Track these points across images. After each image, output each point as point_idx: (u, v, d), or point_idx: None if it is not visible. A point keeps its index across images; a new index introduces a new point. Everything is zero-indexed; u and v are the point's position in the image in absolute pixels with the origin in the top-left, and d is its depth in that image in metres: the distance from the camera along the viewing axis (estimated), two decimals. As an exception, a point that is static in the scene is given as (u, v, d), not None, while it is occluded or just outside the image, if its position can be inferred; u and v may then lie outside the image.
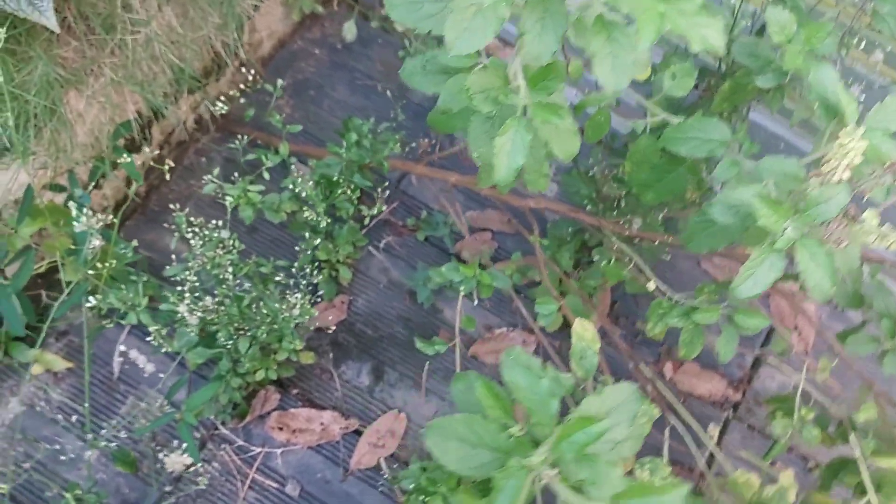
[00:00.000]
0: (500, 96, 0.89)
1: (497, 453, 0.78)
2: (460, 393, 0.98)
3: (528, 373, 0.86)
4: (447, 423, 0.79)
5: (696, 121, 1.11)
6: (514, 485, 0.74)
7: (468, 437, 0.78)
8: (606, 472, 0.76)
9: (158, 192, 2.25)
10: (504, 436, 0.79)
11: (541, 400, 0.83)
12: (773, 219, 0.92)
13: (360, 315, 2.18)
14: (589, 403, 0.86)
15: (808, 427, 1.54)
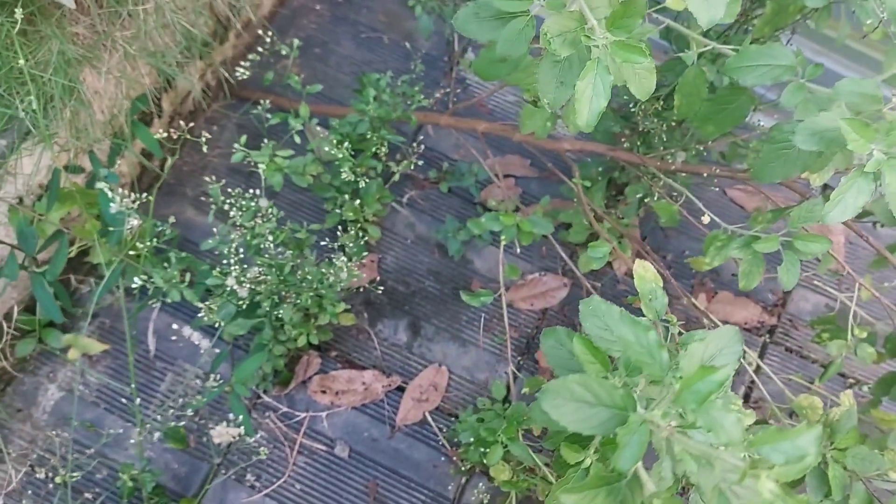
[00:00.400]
0: (580, 38, 0.86)
1: (615, 410, 0.77)
2: (551, 349, 0.96)
3: (635, 325, 0.84)
4: (562, 384, 0.77)
5: (762, 47, 1.08)
6: (637, 440, 0.73)
7: (585, 396, 0.77)
8: (723, 418, 0.75)
9: (172, 165, 2.20)
10: (620, 392, 0.78)
11: (650, 352, 0.82)
12: (862, 142, 0.90)
13: (390, 272, 2.16)
14: (694, 350, 0.85)
15: (862, 346, 1.55)
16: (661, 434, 0.76)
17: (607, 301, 1.07)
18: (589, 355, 0.87)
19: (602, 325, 1.06)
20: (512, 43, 1.03)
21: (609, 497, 0.79)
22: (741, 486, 0.71)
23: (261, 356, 1.70)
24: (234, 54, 2.29)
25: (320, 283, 1.64)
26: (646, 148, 1.64)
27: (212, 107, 2.25)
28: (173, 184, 2.18)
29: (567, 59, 0.95)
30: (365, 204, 1.99)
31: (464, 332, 2.11)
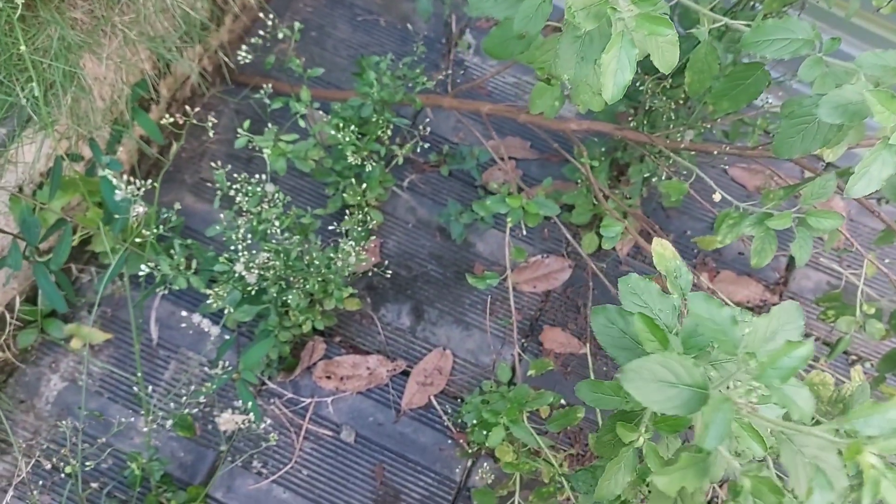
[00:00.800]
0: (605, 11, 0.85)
1: (697, 389, 0.77)
2: (602, 327, 0.96)
3: (709, 301, 0.84)
4: (642, 365, 0.77)
5: (778, 22, 1.08)
6: (722, 418, 0.73)
7: (667, 377, 0.77)
8: (796, 394, 0.75)
9: (168, 151, 2.17)
10: (700, 370, 0.77)
11: (724, 329, 0.82)
12: (887, 114, 0.90)
13: (392, 257, 2.15)
14: (759, 324, 0.85)
15: (870, 322, 1.56)
16: (742, 411, 0.76)
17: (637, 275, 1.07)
18: (649, 333, 0.86)
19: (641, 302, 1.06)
20: (529, 19, 1.02)
21: (697, 476, 0.80)
22: (836, 462, 0.71)
23: (267, 342, 1.69)
24: (231, 38, 2.27)
25: (327, 267, 1.63)
26: (650, 127, 1.63)
27: (209, 92, 2.22)
28: (171, 171, 2.16)
29: (588, 34, 0.94)
30: (368, 188, 1.97)
31: (467, 316, 2.11)
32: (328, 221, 2.09)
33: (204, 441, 1.92)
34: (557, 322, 2.13)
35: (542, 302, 2.15)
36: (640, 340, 0.84)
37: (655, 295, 0.98)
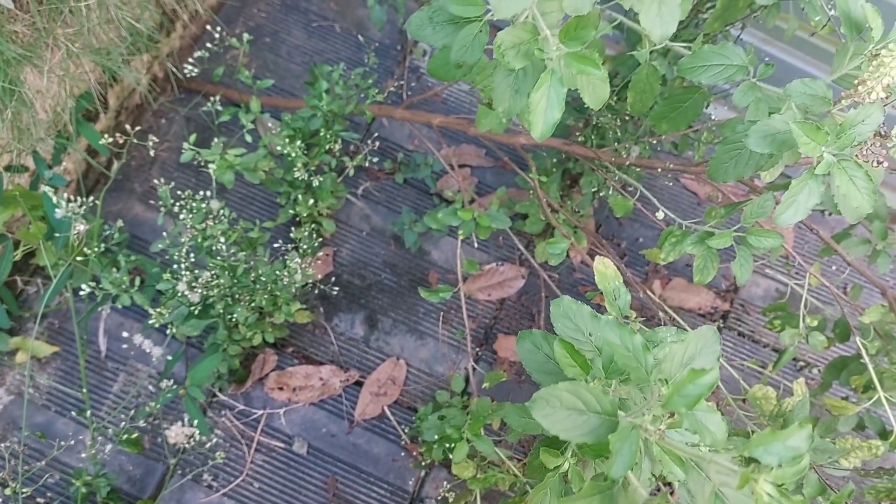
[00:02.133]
0: (533, 50, 0.85)
1: (606, 416, 0.77)
2: (527, 352, 0.96)
3: (622, 329, 0.84)
4: (551, 393, 0.77)
5: (715, 47, 1.09)
6: (629, 446, 0.73)
7: (576, 404, 0.77)
8: (708, 419, 0.76)
9: (119, 159, 2.14)
10: (609, 398, 0.78)
11: (636, 355, 0.82)
12: (812, 145, 0.91)
13: (345, 266, 2.14)
14: (675, 351, 0.86)
15: (813, 333, 1.58)
16: (650, 439, 0.77)
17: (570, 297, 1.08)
18: (569, 359, 0.87)
19: (573, 325, 1.06)
20: (466, 49, 1.02)
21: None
22: (737, 490, 0.72)
23: (215, 357, 1.68)
24: (182, 45, 2.24)
25: (274, 283, 1.62)
26: (600, 140, 1.64)
27: (159, 100, 2.19)
28: (120, 180, 2.13)
29: (522, 68, 0.94)
30: (319, 199, 1.96)
31: (421, 325, 2.11)
32: (281, 231, 2.08)
33: (153, 454, 1.90)
34: (512, 330, 2.14)
35: (496, 310, 2.16)
36: (561, 366, 0.84)
37: (587, 317, 0.99)
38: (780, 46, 1.97)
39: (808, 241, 2.31)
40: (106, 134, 2.08)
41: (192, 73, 1.70)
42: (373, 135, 2.22)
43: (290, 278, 1.59)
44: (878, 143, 0.92)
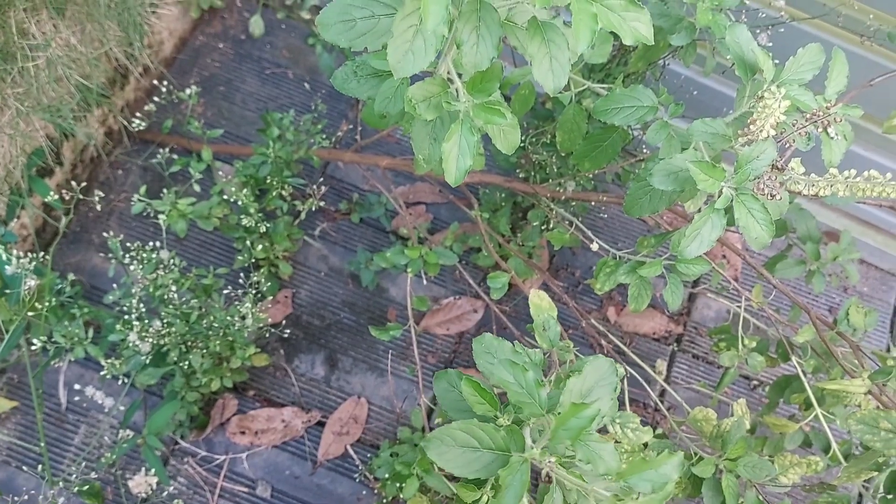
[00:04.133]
0: (442, 103, 0.90)
1: (499, 452, 0.81)
2: (443, 391, 1.00)
3: (514, 367, 0.88)
4: (446, 432, 0.81)
5: (626, 90, 1.15)
6: (518, 480, 0.77)
7: (469, 442, 0.81)
8: (601, 449, 0.80)
9: (77, 212, 2.17)
10: (501, 434, 0.82)
11: (529, 392, 0.86)
12: (711, 182, 0.97)
13: (304, 307, 2.18)
14: (572, 385, 0.90)
15: (752, 355, 1.63)
16: (543, 470, 0.81)
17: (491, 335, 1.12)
18: (477, 396, 0.91)
19: (495, 361, 1.11)
20: (388, 101, 1.07)
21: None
22: None
23: (173, 405, 1.70)
24: (137, 97, 2.28)
25: (227, 328, 1.65)
26: (543, 175, 1.70)
27: (115, 152, 2.23)
28: (79, 231, 2.16)
29: (439, 118, 0.99)
30: (274, 242, 2.00)
31: (381, 362, 2.14)
32: (241, 275, 2.11)
33: (117, 504, 1.92)
34: (471, 364, 2.18)
35: (455, 344, 2.20)
36: (470, 404, 0.88)
37: (508, 352, 1.03)
38: (717, 78, 2.05)
39: (759, 260, 2.37)
40: (62, 187, 2.12)
41: (140, 126, 1.74)
42: (328, 176, 2.27)
43: (242, 324, 1.62)
44: (773, 176, 0.97)
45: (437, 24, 0.72)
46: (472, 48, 0.84)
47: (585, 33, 0.77)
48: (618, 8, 0.80)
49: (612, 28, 0.81)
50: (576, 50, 0.77)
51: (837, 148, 1.13)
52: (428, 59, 0.81)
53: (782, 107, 0.94)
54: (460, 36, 0.84)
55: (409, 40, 0.80)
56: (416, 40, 0.80)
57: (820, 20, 1.64)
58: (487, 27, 0.84)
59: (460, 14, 0.84)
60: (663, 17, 1.36)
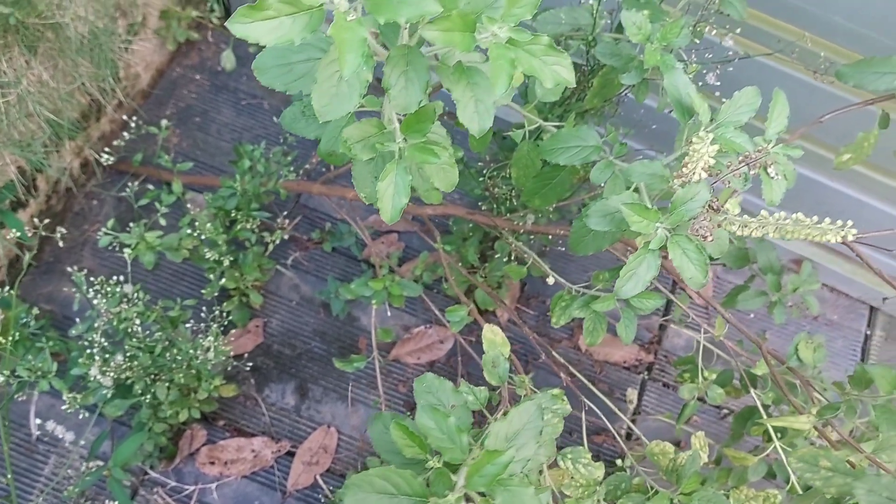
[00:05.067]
0: (377, 144, 0.92)
1: (416, 499, 0.82)
2: (378, 434, 1.01)
3: (435, 413, 0.89)
4: (364, 478, 0.82)
5: (571, 130, 1.17)
6: None
7: (387, 488, 0.82)
8: (520, 493, 0.81)
9: (51, 243, 2.19)
10: (420, 481, 0.83)
11: (450, 437, 0.87)
12: (645, 223, 0.99)
13: (276, 336, 2.19)
14: (497, 429, 0.91)
15: (712, 388, 1.64)
16: None
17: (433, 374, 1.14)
18: (407, 440, 0.92)
19: (436, 399, 1.12)
20: (334, 140, 1.09)
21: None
22: None
23: (140, 437, 1.71)
24: (113, 129, 2.30)
25: (191, 361, 1.66)
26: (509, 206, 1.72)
27: (90, 183, 2.25)
28: (52, 262, 2.17)
29: (381, 156, 1.02)
30: (245, 272, 2.02)
31: (351, 391, 2.15)
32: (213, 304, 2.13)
33: (85, 535, 1.92)
34: (441, 392, 2.18)
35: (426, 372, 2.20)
36: (399, 447, 0.90)
37: (450, 392, 1.04)
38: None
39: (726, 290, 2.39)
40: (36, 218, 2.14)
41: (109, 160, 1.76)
42: (301, 206, 2.29)
43: (204, 356, 1.63)
44: (707, 218, 0.99)
45: (353, 71, 0.74)
46: (401, 91, 0.86)
47: (503, 78, 0.79)
48: (539, 53, 0.83)
49: (532, 72, 0.83)
50: (493, 94, 0.79)
51: (778, 187, 1.15)
52: (353, 104, 0.84)
53: (711, 151, 0.96)
54: (388, 80, 0.86)
55: (333, 86, 0.83)
56: (340, 86, 0.82)
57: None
58: (416, 71, 0.86)
59: (389, 58, 0.87)
60: (615, 57, 1.38)
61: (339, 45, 0.73)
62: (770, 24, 1.73)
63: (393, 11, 0.76)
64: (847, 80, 1.35)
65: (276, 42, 0.75)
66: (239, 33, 0.74)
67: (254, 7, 0.74)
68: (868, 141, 1.38)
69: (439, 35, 0.79)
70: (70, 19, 1.76)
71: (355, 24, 0.74)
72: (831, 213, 2.15)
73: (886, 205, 2.00)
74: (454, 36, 0.79)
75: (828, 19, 1.66)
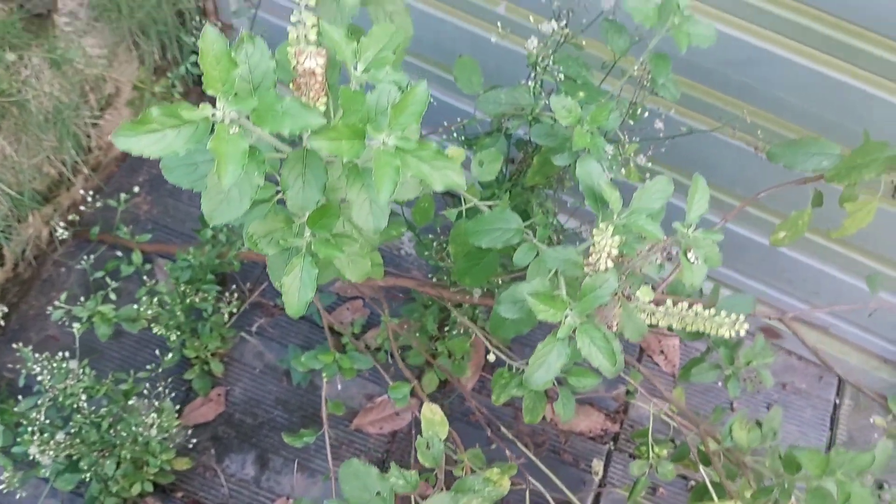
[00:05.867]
0: (282, 240, 0.94)
1: None
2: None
3: (368, 474, 0.89)
4: None
5: (494, 213, 1.19)
6: None
7: None
8: None
9: (18, 311, 2.21)
10: None
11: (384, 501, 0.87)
12: (552, 312, 0.99)
13: (238, 405, 2.18)
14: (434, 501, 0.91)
15: (663, 463, 1.63)
16: None
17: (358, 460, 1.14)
18: None
19: (361, 485, 1.12)
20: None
21: None
22: None
23: (88, 511, 1.70)
24: (82, 197, 2.34)
25: (137, 437, 1.66)
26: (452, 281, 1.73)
27: (60, 249, 2.28)
28: (17, 329, 2.18)
29: (285, 250, 1.03)
30: (204, 342, 2.02)
31: (312, 462, 2.13)
32: (173, 372, 2.13)
33: None
34: (404, 463, 2.17)
35: (388, 443, 2.19)
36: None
37: (375, 478, 1.04)
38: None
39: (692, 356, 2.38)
40: (2, 287, 2.16)
41: (63, 235, 1.79)
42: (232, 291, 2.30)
43: (148, 432, 1.63)
44: (614, 306, 1.00)
45: (232, 182, 0.76)
46: (298, 193, 0.88)
47: (387, 185, 0.81)
48: (427, 158, 0.84)
49: (422, 177, 0.85)
50: (378, 200, 0.81)
51: (698, 272, 1.16)
52: (242, 209, 0.85)
53: (614, 242, 0.97)
54: (285, 181, 0.88)
55: (222, 192, 0.84)
56: (230, 191, 0.84)
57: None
58: (313, 172, 0.88)
59: (286, 162, 0.89)
60: (550, 137, 1.41)
61: (218, 158, 0.75)
62: (716, 97, 1.76)
63: (277, 123, 0.78)
64: (777, 160, 1.37)
65: (160, 154, 0.77)
66: (123, 147, 0.76)
67: (138, 122, 0.76)
68: (802, 219, 1.40)
69: (326, 144, 0.81)
70: (32, 96, 1.80)
71: (237, 136, 0.76)
72: (794, 280, 2.16)
73: (843, 273, 2.01)
74: (342, 145, 0.81)
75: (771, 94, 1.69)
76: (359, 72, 0.95)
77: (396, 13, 1.17)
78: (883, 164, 1.25)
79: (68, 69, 1.91)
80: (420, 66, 2.17)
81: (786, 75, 1.61)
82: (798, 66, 1.58)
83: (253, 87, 0.84)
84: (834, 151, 1.31)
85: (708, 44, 1.34)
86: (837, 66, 1.56)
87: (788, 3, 1.52)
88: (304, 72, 0.82)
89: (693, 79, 1.72)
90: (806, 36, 1.54)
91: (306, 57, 0.80)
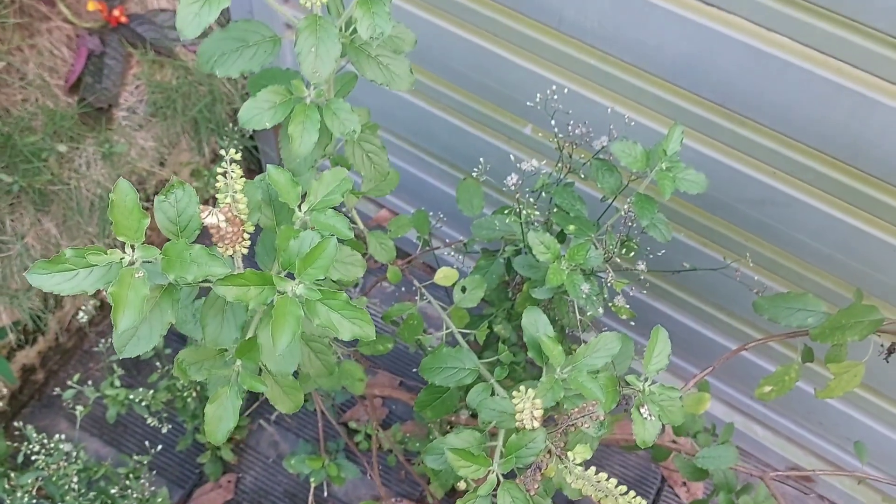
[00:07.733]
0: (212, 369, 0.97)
1: None
2: None
3: None
4: None
5: (449, 351, 1.18)
6: None
7: None
8: None
9: (57, 378, 2.32)
10: None
11: None
12: (472, 468, 0.97)
13: (247, 493, 2.21)
14: None
15: None
16: None
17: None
18: None
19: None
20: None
21: None
22: None
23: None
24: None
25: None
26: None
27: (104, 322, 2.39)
28: (55, 395, 2.29)
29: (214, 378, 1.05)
30: (216, 429, 2.07)
31: (311, 560, 2.12)
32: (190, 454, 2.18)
33: None
34: (404, 570, 2.13)
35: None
36: None
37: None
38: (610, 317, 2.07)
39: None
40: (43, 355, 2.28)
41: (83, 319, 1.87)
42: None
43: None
44: (540, 467, 0.98)
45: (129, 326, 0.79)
46: (216, 329, 0.91)
47: (286, 333, 0.83)
48: (337, 307, 0.86)
49: (330, 325, 0.86)
50: (277, 346, 0.82)
51: (651, 427, 1.12)
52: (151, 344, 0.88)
53: (537, 404, 0.95)
54: (204, 319, 0.91)
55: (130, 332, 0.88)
56: (142, 327, 0.88)
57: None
58: (233, 311, 0.91)
59: (205, 302, 0.92)
60: (532, 269, 1.40)
61: (115, 303, 0.79)
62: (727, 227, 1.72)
63: (183, 270, 0.82)
64: (762, 312, 1.32)
65: (71, 293, 0.81)
66: (35, 283, 0.81)
67: (52, 261, 0.81)
68: (789, 374, 1.33)
69: (234, 291, 0.84)
70: (83, 185, 1.93)
71: (140, 281, 0.80)
72: (824, 423, 2.04)
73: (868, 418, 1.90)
74: (250, 292, 0.84)
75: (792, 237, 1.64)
76: (302, 213, 0.99)
77: (373, 152, 1.21)
78: (868, 328, 1.19)
79: (118, 160, 2.04)
80: (452, 174, 2.21)
81: (802, 218, 1.56)
82: (814, 209, 1.53)
83: (179, 230, 0.88)
84: (819, 308, 1.25)
85: (697, 190, 1.32)
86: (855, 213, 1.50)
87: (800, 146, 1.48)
88: (210, 226, 0.86)
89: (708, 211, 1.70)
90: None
91: (208, 214, 0.84)
